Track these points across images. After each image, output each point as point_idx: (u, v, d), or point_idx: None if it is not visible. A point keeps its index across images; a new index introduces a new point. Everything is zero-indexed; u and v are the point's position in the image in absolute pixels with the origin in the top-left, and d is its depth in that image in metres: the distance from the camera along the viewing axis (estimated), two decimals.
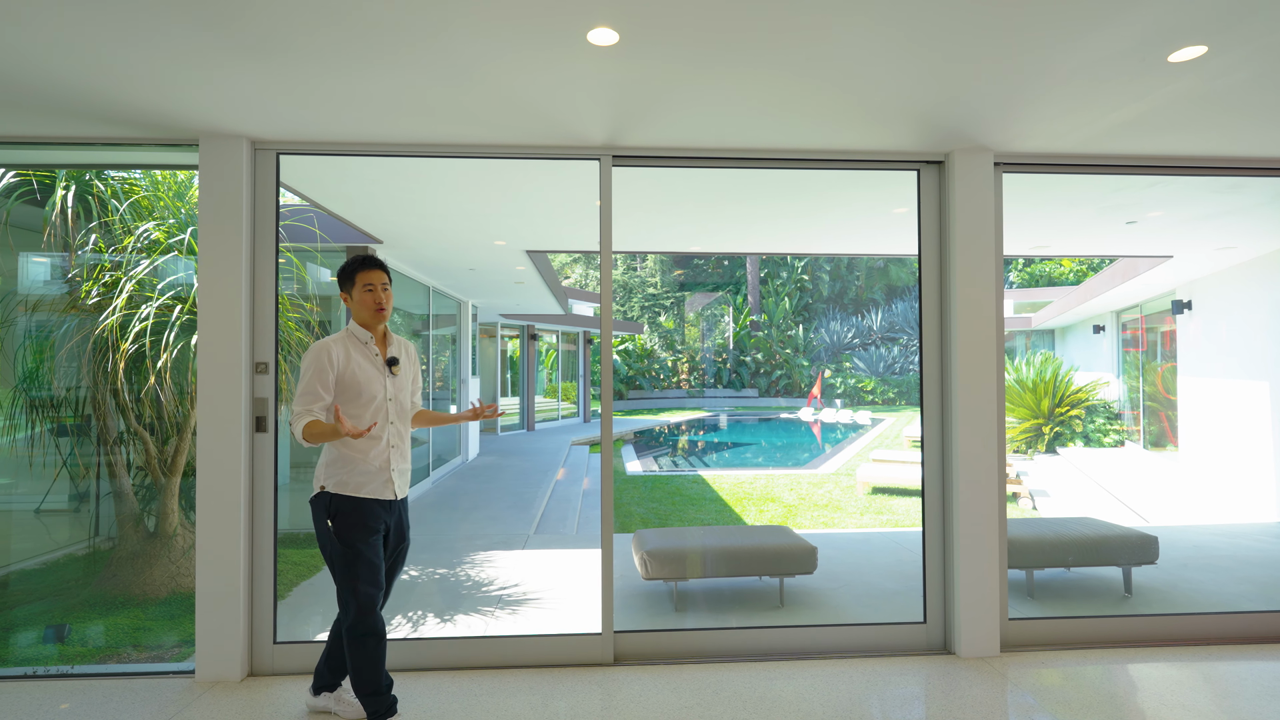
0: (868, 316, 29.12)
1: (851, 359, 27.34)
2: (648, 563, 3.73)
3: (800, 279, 29.23)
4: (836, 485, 9.78)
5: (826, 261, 29.95)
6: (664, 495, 9.32)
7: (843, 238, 5.37)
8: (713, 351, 26.88)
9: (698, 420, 21.65)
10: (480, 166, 3.62)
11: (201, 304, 2.93)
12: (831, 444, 17.48)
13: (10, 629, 3.61)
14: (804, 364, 27.15)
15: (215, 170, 2.94)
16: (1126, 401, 11.26)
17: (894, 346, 26.47)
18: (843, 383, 25.91)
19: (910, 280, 29.64)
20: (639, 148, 3.14)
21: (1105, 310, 11.69)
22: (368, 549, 2.36)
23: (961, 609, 3.13)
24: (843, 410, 22.99)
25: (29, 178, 3.66)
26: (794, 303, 28.68)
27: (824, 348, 28.02)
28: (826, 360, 28.03)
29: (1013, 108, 2.71)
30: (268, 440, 3.02)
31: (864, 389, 25.67)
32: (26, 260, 4.25)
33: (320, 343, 2.38)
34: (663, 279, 27.82)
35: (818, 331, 28.33)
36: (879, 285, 30.05)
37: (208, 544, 2.90)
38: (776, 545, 3.81)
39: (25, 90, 2.50)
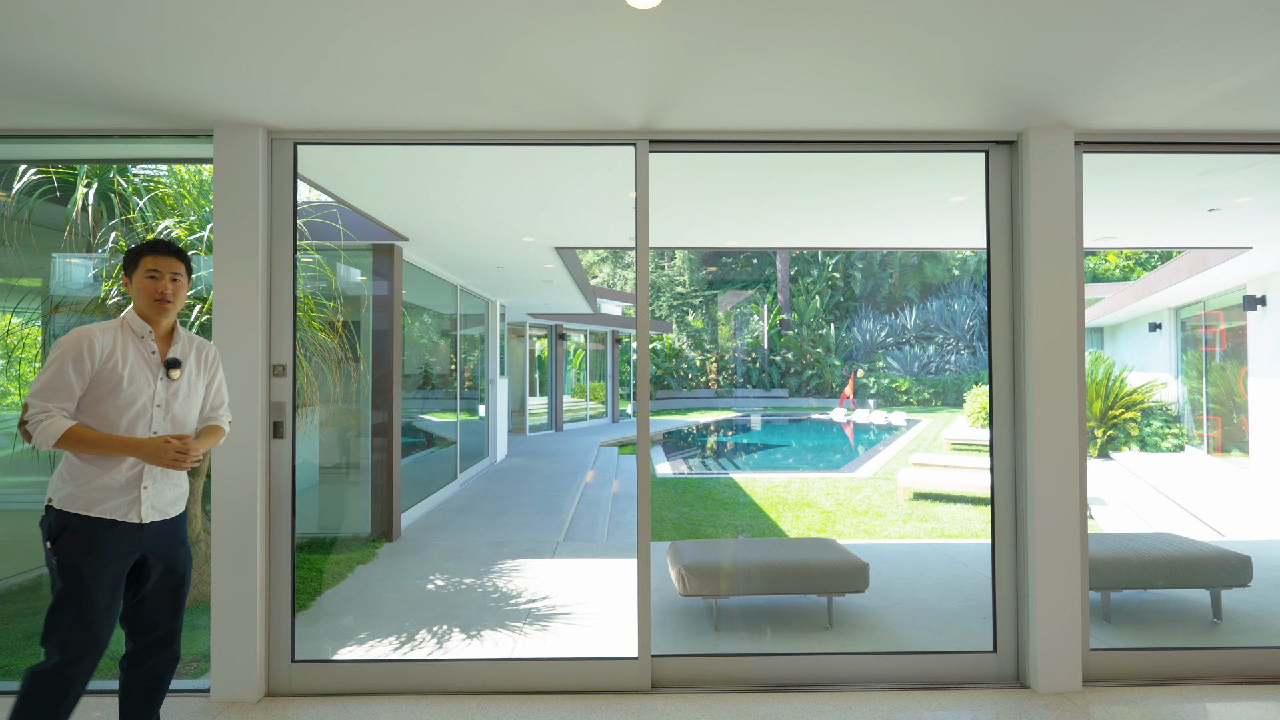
0: (901, 315, 28.38)
1: (885, 358, 26.66)
2: (685, 578, 3.48)
3: (831, 277, 28.62)
4: (875, 490, 9.39)
5: (859, 259, 29.28)
6: (695, 499, 9.05)
7: (891, 231, 5.04)
8: (743, 351, 26.47)
9: (727, 421, 21.31)
10: (507, 158, 3.42)
11: (217, 302, 2.77)
12: (865, 446, 17.00)
13: (31, 636, 3.53)
14: (835, 364, 26.56)
15: (231, 161, 2.78)
16: (1187, 404, 10.63)
17: (929, 346, 25.78)
18: (876, 383, 25.27)
19: (945, 277, 28.85)
20: (678, 131, 2.89)
21: (1162, 307, 11.06)
22: (93, 583, 1.91)
23: (1038, 637, 2.81)
24: (876, 411, 22.40)
25: (50, 174, 3.57)
26: (825, 301, 28.10)
27: (856, 347, 27.38)
28: (859, 360, 27.39)
29: (1103, 76, 2.39)
30: (285, 447, 2.85)
31: (898, 389, 25.00)
32: (63, 260, 4.20)
33: (83, 328, 1.97)
34: (691, 278, 27.52)
35: (850, 330, 27.69)
36: (913, 283, 29.32)
37: (223, 558, 2.74)
38: (825, 561, 3.53)
39: (34, 79, 2.36)
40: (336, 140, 2.89)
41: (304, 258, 5.55)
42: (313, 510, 6.31)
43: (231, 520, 2.75)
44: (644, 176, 2.94)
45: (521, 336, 14.55)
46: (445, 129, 2.85)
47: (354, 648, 3.34)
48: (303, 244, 4.24)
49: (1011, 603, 2.96)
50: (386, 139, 2.89)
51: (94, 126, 2.80)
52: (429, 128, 2.84)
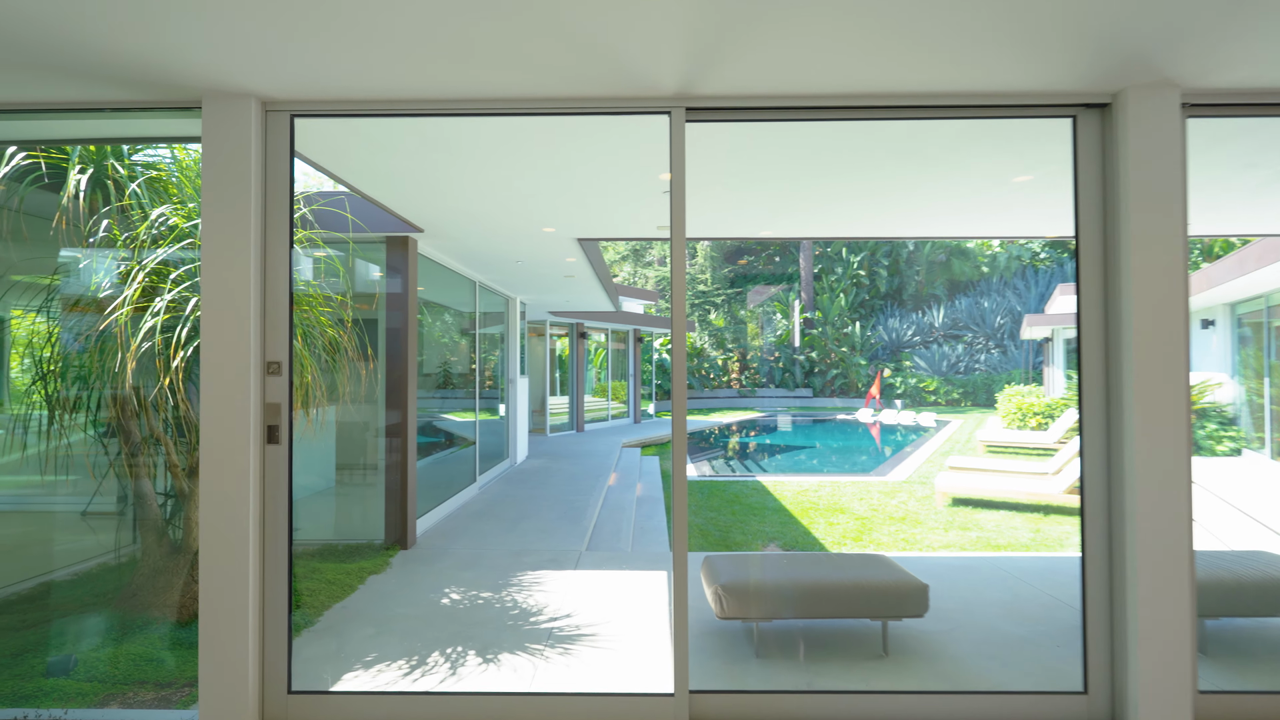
0: (929, 313, 27.70)
1: (912, 358, 26.01)
2: (723, 599, 3.13)
3: (856, 274, 28.01)
4: (911, 495, 8.95)
5: (884, 255, 28.64)
6: (722, 503, 8.69)
7: (941, 218, 4.64)
8: (767, 349, 25.98)
9: (750, 421, 20.87)
10: (525, 135, 3.10)
11: (205, 292, 2.49)
12: (893, 447, 16.47)
13: (22, 653, 3.30)
14: (861, 363, 25.95)
15: (220, 135, 2.50)
16: (1245, 405, 10.00)
17: (957, 345, 25.10)
18: (903, 383, 24.63)
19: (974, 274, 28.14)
20: (717, 96, 2.55)
21: (1216, 303, 10.43)
22: None
23: (1139, 675, 2.42)
24: (904, 411, 21.80)
25: (38, 158, 3.34)
26: (850, 299, 27.50)
27: (882, 346, 26.75)
28: (885, 359, 26.75)
29: (1228, 19, 2.00)
30: (281, 454, 2.57)
31: (926, 389, 24.34)
32: (70, 254, 3.97)
33: None
34: (713, 275, 27.10)
35: (875, 329, 27.08)
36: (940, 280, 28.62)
37: (212, 577, 2.46)
38: (879, 582, 3.16)
39: (5, 40, 2.10)
40: (337, 112, 2.60)
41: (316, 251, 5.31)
42: (328, 515, 6.07)
43: (221, 534, 2.46)
44: (680, 149, 2.60)
45: (542, 335, 14.30)
46: (459, 98, 2.54)
47: (360, 672, 3.05)
48: (311, 234, 3.97)
49: (1105, 634, 2.56)
50: (394, 109, 2.59)
51: (72, 98, 2.54)
52: (441, 96, 2.53)
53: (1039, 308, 20.51)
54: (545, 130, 3.03)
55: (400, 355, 5.26)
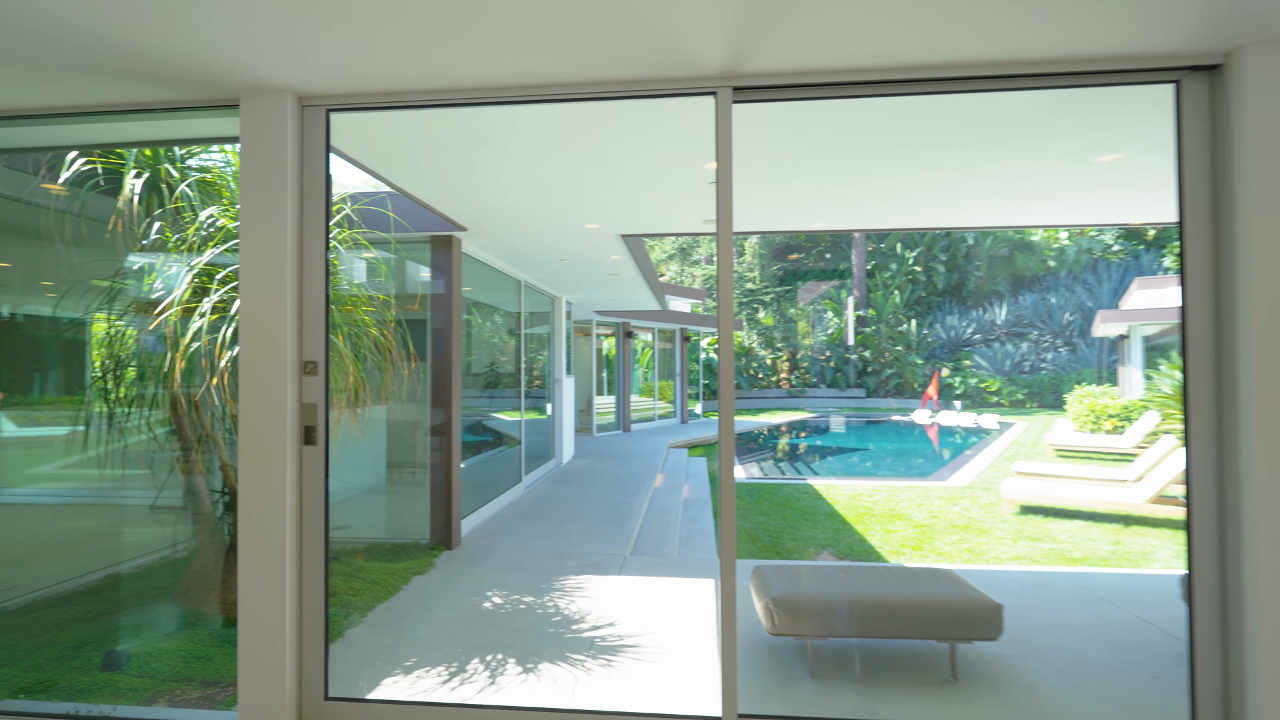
0: (990, 310, 26.44)
1: (972, 356, 24.88)
2: (774, 614, 2.94)
3: (912, 270, 27.01)
4: (974, 502, 8.47)
5: (941, 251, 27.50)
6: (771, 507, 8.42)
7: (1011, 206, 4.29)
8: (818, 348, 25.32)
9: (800, 422, 20.38)
10: (564, 130, 2.98)
11: (243, 290, 2.46)
12: (952, 450, 15.77)
13: (83, 645, 3.38)
14: (917, 362, 24.97)
15: (257, 131, 2.47)
16: None
17: (1022, 343, 23.93)
18: (962, 383, 23.58)
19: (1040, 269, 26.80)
20: (767, 74, 2.36)
21: None
22: None
23: (1260, 715, 2.11)
24: (963, 413, 20.86)
25: (95, 163, 3.42)
26: (905, 296, 26.52)
27: (940, 345, 25.68)
28: (943, 358, 25.66)
29: None
30: (318, 455, 2.52)
31: (987, 390, 23.23)
32: (154, 258, 4.07)
33: None
34: (761, 273, 26.65)
35: (932, 327, 26.01)
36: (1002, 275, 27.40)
37: (250, 580, 2.43)
38: (948, 600, 2.90)
39: (46, 44, 2.10)
40: (372, 104, 2.53)
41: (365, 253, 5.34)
42: (378, 513, 6.14)
43: (258, 538, 2.43)
44: (726, 132, 2.42)
45: (588, 335, 14.27)
46: (493, 85, 2.44)
47: (399, 677, 3.00)
48: (354, 233, 3.96)
49: (1217, 667, 2.25)
50: (428, 100, 2.50)
51: (117, 100, 2.55)
52: (475, 85, 2.43)
53: (1112, 303, 19.30)
54: (585, 121, 2.90)
55: (445, 355, 5.24)
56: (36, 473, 4.98)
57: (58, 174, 3.47)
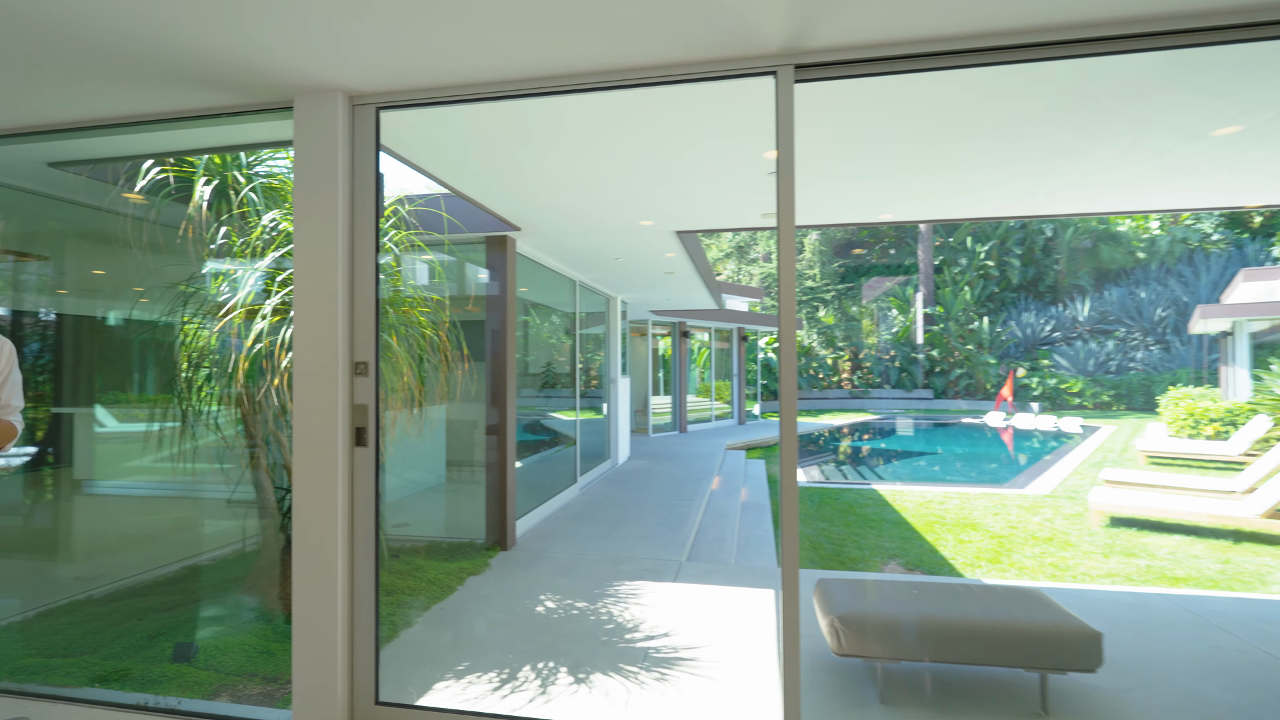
0: (1071, 306, 24.81)
1: (1050, 356, 23.42)
2: (840, 633, 2.73)
3: (984, 265, 25.68)
4: (1057, 512, 7.89)
5: (1016, 244, 26.01)
6: (834, 513, 8.09)
7: (1102, 190, 3.90)
8: (882, 348, 24.40)
9: (863, 424, 19.68)
10: (616, 122, 2.87)
11: (297, 292, 2.47)
12: (1029, 455, 14.86)
13: (157, 636, 3.52)
14: (990, 362, 23.69)
15: (310, 132, 2.47)
16: None
17: (1107, 341, 22.40)
18: (1040, 383, 22.22)
19: (1128, 261, 25.07)
20: (831, 48, 2.17)
21: None
22: None
23: None
24: (1041, 415, 19.64)
25: (168, 172, 3.55)
26: (976, 292, 25.23)
27: (1015, 343, 24.28)
28: (1018, 357, 24.25)
29: None
30: (368, 457, 2.49)
31: (1068, 391, 21.80)
32: (226, 263, 4.23)
33: None
34: (821, 271, 25.94)
35: (1006, 325, 24.63)
36: (1085, 269, 25.77)
37: (303, 585, 2.43)
38: (1038, 625, 2.62)
39: (114, 54, 2.15)
40: (420, 100, 2.48)
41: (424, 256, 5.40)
42: (437, 512, 6.22)
43: (311, 540, 2.43)
44: (787, 115, 2.24)
45: (644, 335, 14.19)
46: (543, 74, 2.35)
47: (451, 682, 2.96)
48: (410, 234, 3.98)
49: None
50: (476, 93, 2.44)
51: (179, 108, 2.61)
52: (523, 75, 2.35)
53: (1212, 297, 17.79)
54: (637, 113, 2.78)
55: (500, 355, 5.24)
56: (130, 466, 5.28)
57: (134, 183, 3.62)
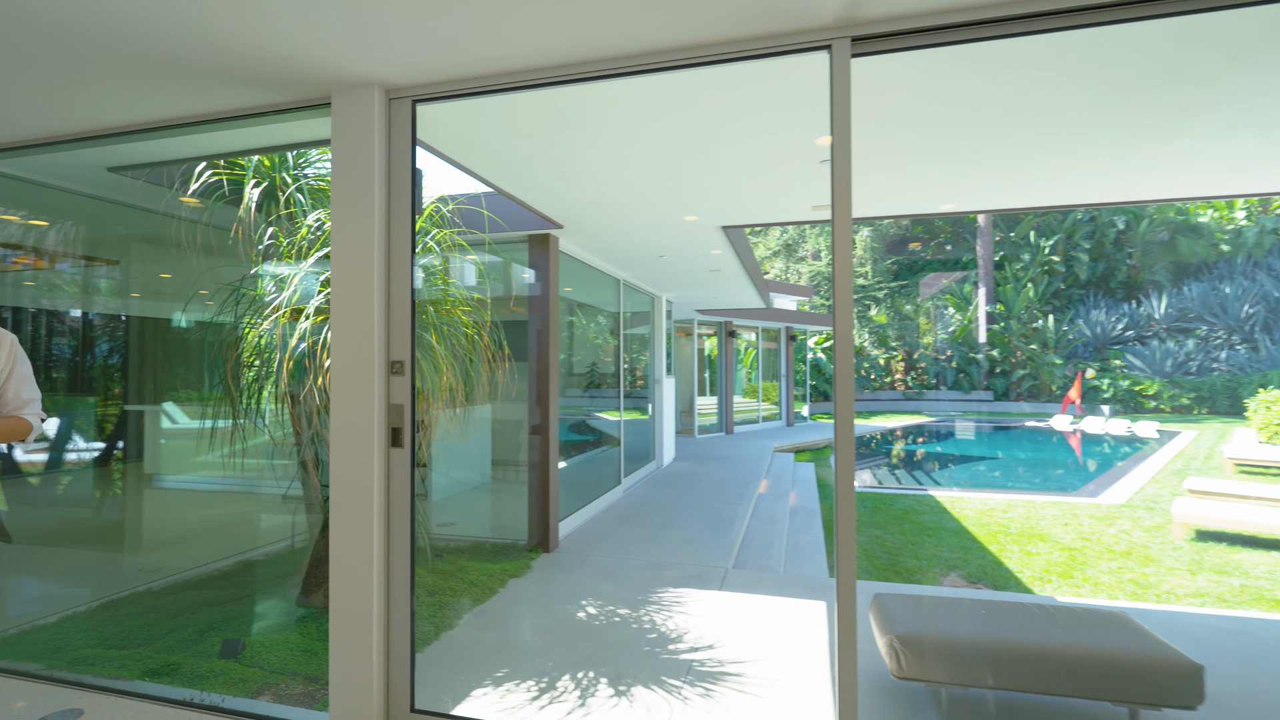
0: (1146, 303, 23.32)
1: (1123, 355, 22.06)
2: (900, 654, 2.53)
3: (1048, 260, 24.42)
4: (1135, 523, 7.33)
5: (1084, 238, 24.63)
6: (888, 519, 7.75)
7: (1192, 173, 3.54)
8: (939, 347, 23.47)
9: (918, 426, 18.97)
10: (658, 111, 2.74)
11: (335, 291, 2.43)
12: (1099, 461, 13.99)
13: (208, 630, 3.58)
14: (1055, 362, 22.50)
15: (346, 128, 2.43)
16: None
17: (1187, 340, 20.97)
18: (1111, 384, 20.96)
19: (1209, 254, 23.50)
20: (892, 17, 1.98)
21: None
22: None
23: None
24: (1113, 419, 18.51)
25: (220, 175, 3.61)
26: (1040, 289, 24.00)
27: (1083, 342, 22.98)
28: (1086, 357, 22.93)
29: None
30: (404, 458, 2.44)
31: (1143, 393, 20.48)
32: (279, 265, 4.32)
33: None
34: (873, 268, 25.20)
35: (1074, 323, 23.34)
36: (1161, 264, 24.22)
37: (339, 589, 2.39)
38: (1128, 655, 2.35)
39: (152, 54, 2.16)
40: (457, 91, 2.41)
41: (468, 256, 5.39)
42: (482, 512, 6.23)
43: (347, 543, 2.38)
44: (844, 93, 2.06)
45: (689, 335, 14.02)
46: (581, 59, 2.24)
47: (489, 689, 2.89)
48: (451, 232, 3.95)
49: None
50: (513, 82, 2.35)
51: (222, 108, 2.61)
52: (561, 60, 2.25)
53: None
54: (680, 100, 2.64)
55: (542, 354, 5.18)
56: (193, 462, 5.46)
57: (189, 187, 3.71)
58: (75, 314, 5.48)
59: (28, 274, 5.14)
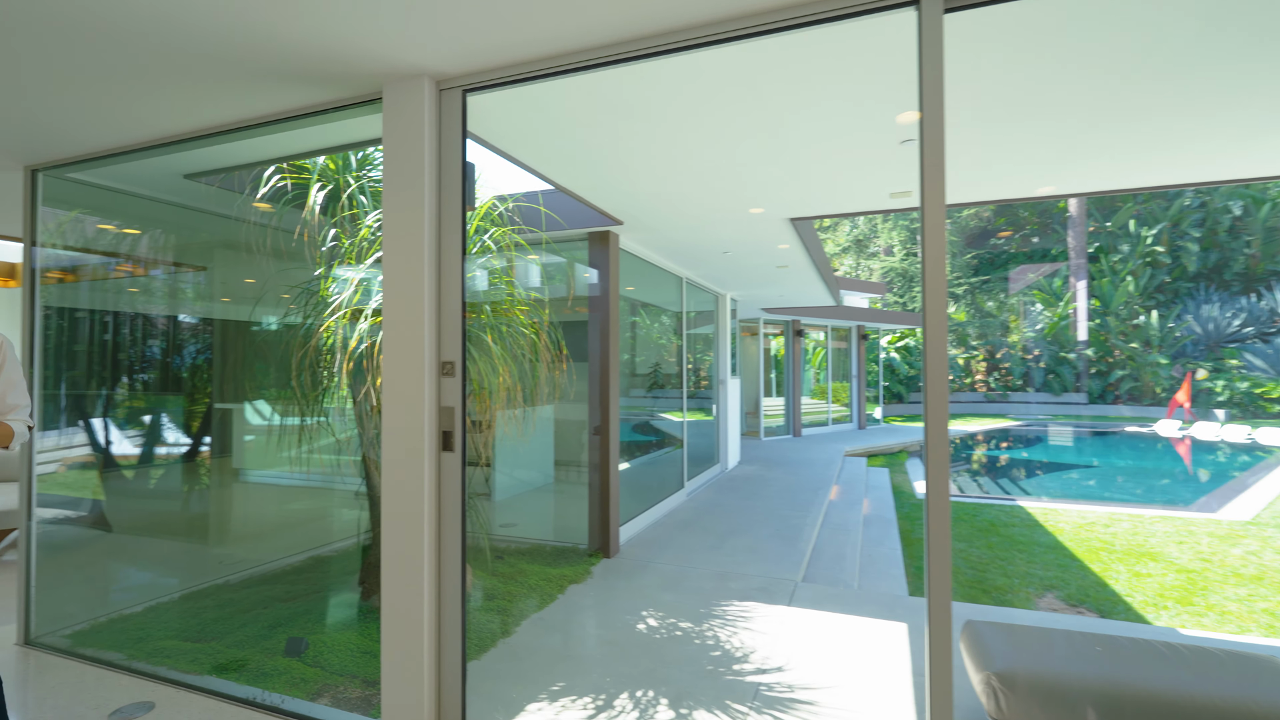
0: (1268, 296, 20.99)
1: (1240, 355, 19.95)
2: (1000, 695, 2.22)
3: (1150, 251, 22.39)
4: (1266, 544, 6.50)
5: (1193, 226, 22.42)
6: (973, 531, 7.20)
7: None
8: (1026, 346, 21.96)
9: (1002, 430, 17.79)
10: (718, 91, 2.53)
11: (386, 289, 2.37)
12: (1213, 472, 12.65)
13: (276, 626, 3.64)
14: (1160, 362, 20.59)
15: (397, 122, 2.36)
16: None
17: None
18: (1227, 386, 18.98)
19: None
20: None
21: None
22: None
23: None
24: (1230, 424, 16.73)
25: (286, 179, 3.67)
26: (1141, 283, 22.03)
27: (1191, 340, 20.92)
28: (1196, 356, 20.86)
29: None
30: (455, 462, 2.34)
31: (1265, 396, 18.42)
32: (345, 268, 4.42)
33: None
34: (952, 264, 23.89)
35: (1181, 319, 21.28)
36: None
37: (391, 600, 2.32)
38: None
39: (211, 56, 2.15)
40: (508, 78, 2.30)
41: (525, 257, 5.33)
42: (544, 513, 6.18)
43: (397, 551, 2.31)
44: (934, 55, 1.80)
45: (755, 334, 13.64)
46: (639, 35, 2.07)
47: (544, 704, 2.77)
48: (508, 229, 3.88)
49: None
50: (565, 64, 2.21)
51: (274, 109, 2.61)
52: (616, 38, 2.09)
53: None
54: (744, 79, 2.43)
55: (603, 354, 5.06)
56: (273, 458, 5.66)
57: (257, 191, 3.79)
58: (165, 317, 5.79)
59: (128, 281, 5.47)
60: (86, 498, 5.02)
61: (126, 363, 5.40)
